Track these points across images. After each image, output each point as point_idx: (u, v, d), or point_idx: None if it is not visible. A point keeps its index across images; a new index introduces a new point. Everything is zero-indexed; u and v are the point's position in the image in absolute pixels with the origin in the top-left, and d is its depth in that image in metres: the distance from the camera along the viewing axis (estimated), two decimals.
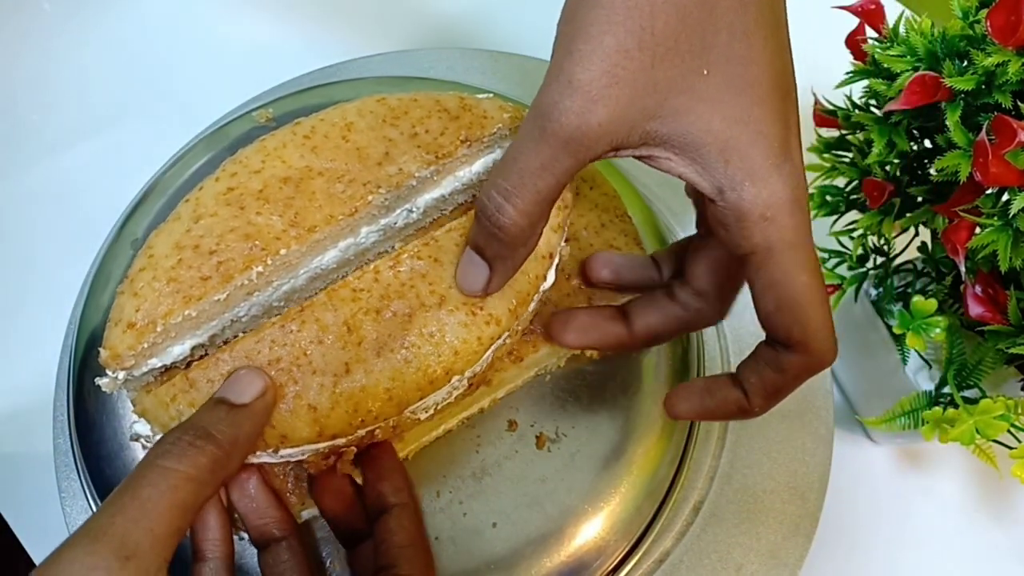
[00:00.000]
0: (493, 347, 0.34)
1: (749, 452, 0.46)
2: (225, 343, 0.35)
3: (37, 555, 0.50)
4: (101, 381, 0.33)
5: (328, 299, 0.33)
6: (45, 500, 0.45)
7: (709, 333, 0.49)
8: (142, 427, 0.33)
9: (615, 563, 0.39)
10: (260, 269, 0.33)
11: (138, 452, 0.39)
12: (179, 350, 0.33)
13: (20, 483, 0.52)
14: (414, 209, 0.37)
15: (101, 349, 0.32)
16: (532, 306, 0.35)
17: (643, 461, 0.39)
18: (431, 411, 0.33)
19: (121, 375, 0.32)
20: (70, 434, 0.43)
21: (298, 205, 0.34)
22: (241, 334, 0.35)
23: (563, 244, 0.37)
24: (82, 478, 0.42)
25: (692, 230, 0.52)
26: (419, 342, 0.32)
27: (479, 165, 0.38)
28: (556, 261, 0.36)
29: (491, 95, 0.40)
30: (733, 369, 0.31)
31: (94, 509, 0.41)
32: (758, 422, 0.46)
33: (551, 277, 0.36)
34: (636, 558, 0.40)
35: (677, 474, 0.42)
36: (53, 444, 0.46)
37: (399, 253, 0.34)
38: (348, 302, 0.32)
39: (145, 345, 0.31)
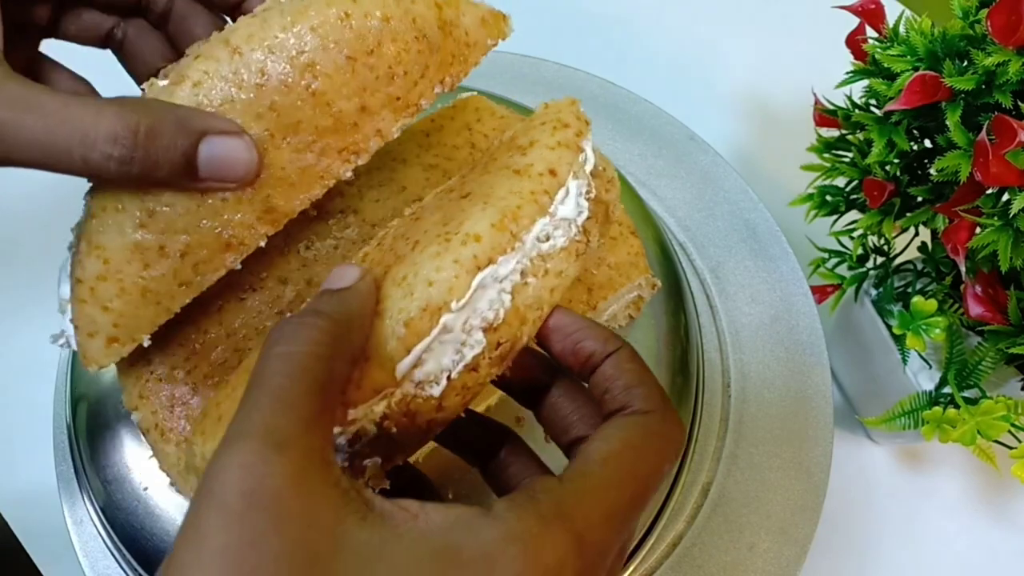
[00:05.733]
0: (487, 273, 0.26)
1: (753, 431, 0.46)
2: None
3: (37, 555, 0.50)
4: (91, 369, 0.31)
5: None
6: (45, 500, 0.45)
7: (708, 332, 0.49)
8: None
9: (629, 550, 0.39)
10: (238, 265, 0.30)
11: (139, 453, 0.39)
12: None
13: (20, 483, 0.52)
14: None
15: (86, 364, 0.30)
16: (545, 233, 0.28)
17: None
18: (443, 382, 0.26)
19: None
20: (70, 447, 0.43)
21: (267, 188, 0.29)
22: None
23: (589, 174, 0.30)
24: (85, 498, 0.42)
25: (682, 215, 0.53)
26: (391, 291, 0.27)
27: None
28: (577, 187, 0.29)
29: (474, 92, 0.40)
30: (733, 370, 0.31)
31: (101, 531, 0.41)
32: (760, 405, 0.47)
33: (572, 205, 0.28)
34: (650, 543, 0.41)
35: (684, 458, 0.43)
36: (54, 444, 0.46)
37: (385, 233, 0.31)
38: None
39: (127, 352, 0.30)
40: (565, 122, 0.30)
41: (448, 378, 0.26)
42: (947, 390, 0.44)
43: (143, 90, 0.28)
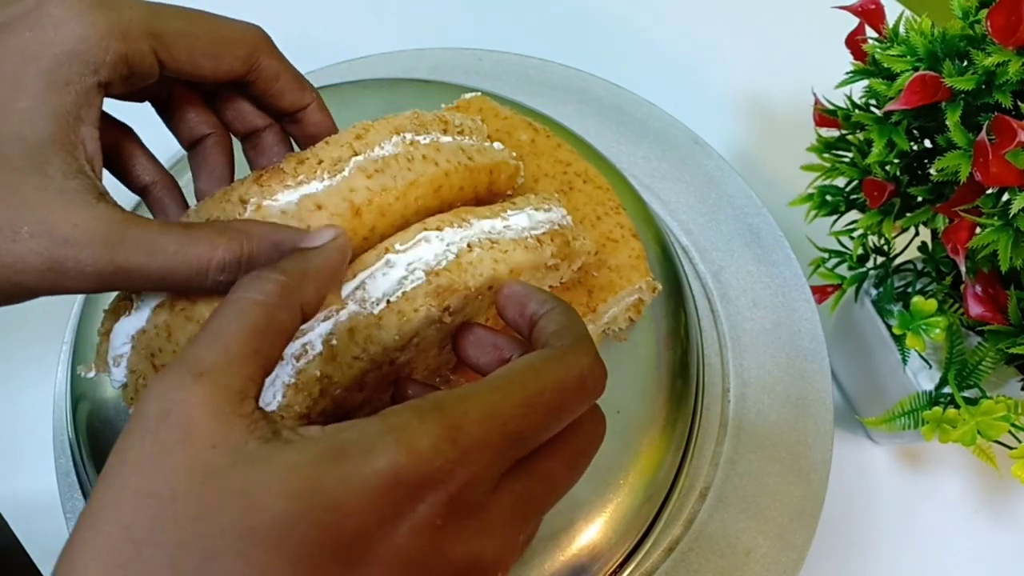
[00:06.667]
0: (433, 233, 0.32)
1: (752, 436, 0.46)
2: None
3: (37, 555, 0.50)
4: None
5: None
6: (45, 499, 0.45)
7: (708, 336, 0.49)
8: None
9: (625, 554, 0.39)
10: None
11: None
12: None
13: (20, 482, 0.52)
14: None
15: None
16: (497, 231, 0.33)
17: (649, 452, 0.40)
18: (383, 304, 0.30)
19: None
20: (70, 445, 0.43)
21: None
22: None
23: (552, 220, 0.36)
24: (85, 495, 0.42)
25: (685, 219, 0.53)
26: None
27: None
28: (533, 210, 0.35)
29: (479, 93, 0.40)
30: (733, 374, 0.31)
31: None
32: (759, 410, 0.47)
33: (524, 218, 0.34)
34: (646, 548, 0.41)
35: (682, 462, 0.43)
36: (53, 442, 0.46)
37: None
38: None
39: None
40: (535, 192, 0.37)
41: (388, 301, 0.30)
42: (947, 390, 0.44)
43: (246, 206, 0.30)
